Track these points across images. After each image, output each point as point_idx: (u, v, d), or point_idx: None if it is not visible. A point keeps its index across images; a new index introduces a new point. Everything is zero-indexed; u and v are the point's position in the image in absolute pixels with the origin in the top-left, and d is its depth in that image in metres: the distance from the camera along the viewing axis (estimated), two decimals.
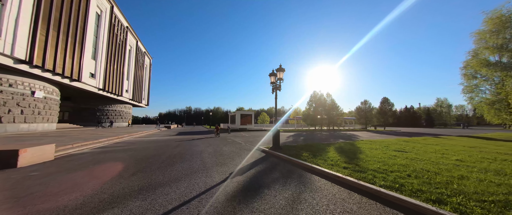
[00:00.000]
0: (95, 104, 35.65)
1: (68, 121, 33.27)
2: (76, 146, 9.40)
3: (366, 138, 15.89)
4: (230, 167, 5.63)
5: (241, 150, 9.10)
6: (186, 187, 3.86)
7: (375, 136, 18.50)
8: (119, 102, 39.53)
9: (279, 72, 8.56)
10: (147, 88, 54.60)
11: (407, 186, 3.60)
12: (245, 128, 31.39)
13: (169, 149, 9.32)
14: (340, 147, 9.34)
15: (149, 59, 55.53)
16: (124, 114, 42.02)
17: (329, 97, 34.15)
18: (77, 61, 22.21)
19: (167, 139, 14.40)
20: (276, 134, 8.48)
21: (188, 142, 12.32)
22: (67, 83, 21.70)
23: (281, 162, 6.27)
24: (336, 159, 6.10)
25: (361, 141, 12.17)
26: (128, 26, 37.57)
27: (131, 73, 40.78)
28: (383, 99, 41.28)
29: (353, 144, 10.69)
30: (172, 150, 8.82)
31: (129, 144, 11.39)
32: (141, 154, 7.67)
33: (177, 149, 9.33)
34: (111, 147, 9.80)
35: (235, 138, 15.86)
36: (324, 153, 7.34)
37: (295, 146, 9.57)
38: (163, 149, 9.14)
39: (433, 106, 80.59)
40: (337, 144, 10.52)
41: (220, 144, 11.61)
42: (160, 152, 8.35)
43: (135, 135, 17.66)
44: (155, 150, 8.83)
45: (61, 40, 19.61)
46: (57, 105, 22.63)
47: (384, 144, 10.61)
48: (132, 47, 40.92)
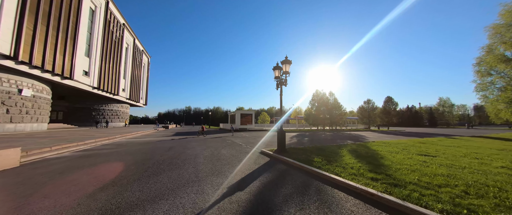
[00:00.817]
0: (90, 103, 34.58)
1: (62, 121, 32.21)
2: (55, 149, 8.33)
3: (376, 139, 14.82)
4: (228, 177, 4.56)
5: (242, 153, 8.04)
6: (166, 212, 2.79)
7: (383, 137, 17.44)
8: (116, 101, 38.46)
9: (285, 64, 7.49)
10: (145, 88, 53.50)
11: (481, 213, 2.54)
12: (246, 128, 30.33)
13: (160, 152, 8.25)
14: (354, 149, 8.27)
15: (147, 58, 54.43)
16: (121, 113, 40.94)
17: (332, 96, 33.11)
18: (69, 58, 21.13)
19: (161, 140, 13.34)
20: (281, 135, 7.41)
21: (183, 144, 11.26)
22: (58, 81, 20.63)
23: (290, 170, 5.20)
24: (357, 166, 5.04)
25: (374, 143, 11.10)
26: (125, 23, 36.48)
27: (128, 72, 39.68)
28: (387, 99, 40.26)
29: (366, 146, 9.62)
30: (163, 154, 7.75)
31: (117, 146, 10.32)
32: (125, 159, 6.61)
33: (169, 152, 8.26)
34: (96, 150, 8.73)
35: (235, 138, 14.81)
36: (339, 158, 6.28)
37: (302, 149, 8.50)
38: (153, 153, 8.07)
39: (435, 106, 79.65)
40: (348, 146, 9.45)
41: (218, 146, 10.55)
42: (148, 156, 7.28)
43: (128, 135, 16.59)
44: (143, 154, 7.76)
45: (51, 35, 18.53)
46: (48, 105, 21.55)
47: (400, 146, 9.55)
48: (129, 45, 39.83)
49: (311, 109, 32.79)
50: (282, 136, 7.41)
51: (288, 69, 7.48)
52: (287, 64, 7.46)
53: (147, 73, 54.64)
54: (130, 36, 39.80)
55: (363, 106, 40.53)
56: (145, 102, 53.53)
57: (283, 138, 7.41)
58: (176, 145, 10.86)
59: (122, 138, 14.47)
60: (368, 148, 8.88)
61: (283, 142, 7.42)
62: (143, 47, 49.27)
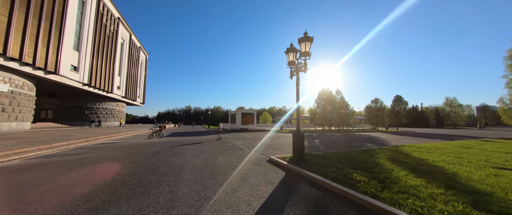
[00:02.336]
0: (83, 102, 32.72)
1: (52, 120, 30.36)
2: (3, 155, 6.41)
3: (400, 142, 12.82)
4: (224, 212, 2.61)
5: (244, 161, 6.08)
6: None
7: (403, 139, 15.42)
8: (111, 99, 36.59)
9: (304, 43, 5.51)
10: (143, 86, 51.66)
11: None
12: (247, 128, 28.38)
13: (137, 160, 6.30)
14: (393, 158, 6.28)
15: (145, 55, 52.58)
16: (116, 112, 39.09)
17: (339, 94, 31.10)
18: (53, 50, 19.23)
19: (149, 143, 11.40)
20: (298, 139, 5.45)
21: (173, 148, 9.31)
22: (42, 76, 18.73)
23: (327, 198, 3.23)
24: (431, 192, 3.09)
25: (406, 148, 9.09)
26: (120, 17, 34.60)
27: (124, 69, 37.79)
28: (396, 98, 38.17)
29: (403, 152, 7.61)
30: (139, 163, 5.80)
31: (92, 150, 8.39)
32: (81, 173, 4.66)
33: (150, 159, 6.32)
34: (58, 157, 6.80)
35: (236, 140, 12.86)
36: (388, 173, 4.31)
37: (324, 156, 6.53)
38: (127, 161, 6.13)
39: (441, 106, 77.41)
40: (379, 152, 7.45)
41: (215, 150, 8.59)
42: (116, 167, 5.33)
43: (115, 136, 14.67)
44: (116, 162, 5.82)
45: (31, 24, 16.64)
46: (30, 102, 19.67)
47: (445, 151, 7.56)
48: (125, 41, 37.95)
49: (316, 108, 30.79)
50: (299, 140, 5.44)
51: (309, 49, 5.50)
52: (307, 43, 5.48)
53: (145, 71, 52.80)
54: (126, 31, 37.92)
55: (370, 106, 38.43)
56: (143, 101, 51.68)
57: (301, 143, 5.45)
58: (164, 149, 8.91)
59: (105, 139, 12.55)
60: (408, 155, 6.89)
61: (302, 148, 5.46)
62: (140, 44, 47.41)
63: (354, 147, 9.82)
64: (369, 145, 10.85)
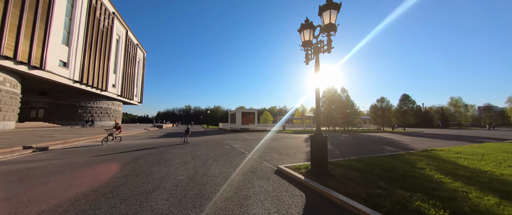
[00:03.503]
0: (76, 100, 31.29)
1: (43, 119, 28.93)
2: None
3: (418, 144, 11.29)
4: None
5: (244, 172, 4.60)
6: None
7: (420, 140, 13.89)
8: (106, 98, 35.16)
9: (328, 13, 4.01)
10: (140, 85, 50.23)
11: None
12: (247, 128, 26.90)
13: (108, 169, 4.82)
14: (448, 170, 4.77)
15: (142, 52, 51.16)
16: (112, 111, 37.66)
17: (344, 93, 29.58)
18: (38, 44, 17.79)
19: (136, 144, 9.92)
20: (319, 143, 3.96)
21: (160, 152, 7.83)
22: (25, 71, 17.29)
23: None
24: None
25: (445, 152, 7.58)
26: (115, 12, 33.15)
27: (120, 67, 36.35)
28: (403, 97, 36.65)
29: (450, 160, 6.08)
30: (105, 176, 4.32)
31: (60, 155, 6.91)
32: (8, 195, 3.19)
33: (123, 169, 4.84)
34: (6, 165, 5.33)
35: (235, 142, 11.37)
36: (466, 199, 2.81)
37: (350, 166, 5.01)
38: (94, 171, 4.65)
39: (446, 105, 75.77)
40: (418, 161, 5.93)
41: (210, 155, 7.10)
42: (72, 182, 3.85)
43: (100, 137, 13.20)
44: (72, 175, 4.35)
45: (11, 13, 15.19)
46: (14, 100, 18.23)
47: (495, 158, 6.05)
48: (120, 37, 36.52)
49: (321, 107, 29.26)
50: (321, 146, 3.95)
51: (334, 20, 3.99)
52: (333, 12, 3.97)
53: (142, 69, 51.37)
54: (121, 27, 36.47)
55: (376, 105, 36.90)
56: (140, 100, 50.27)
57: (323, 149, 3.96)
58: (150, 153, 7.43)
59: (87, 141, 11.08)
60: (456, 164, 5.38)
61: (324, 157, 3.96)
62: (137, 41, 45.99)
63: (373, 151, 8.32)
64: (390, 149, 9.34)
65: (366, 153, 7.91)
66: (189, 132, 11.40)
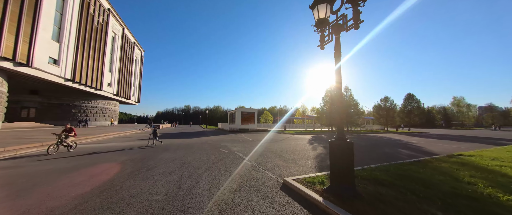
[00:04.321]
0: (69, 99, 30.23)
1: (34, 119, 27.85)
2: None
3: (433, 146, 10.24)
4: None
5: (243, 190, 3.54)
6: None
7: (434, 142, 12.83)
8: (101, 97, 34.09)
9: None
10: (138, 84, 49.16)
11: None
12: (247, 129, 25.86)
13: (71, 181, 3.77)
14: (502, 183, 3.72)
15: (140, 51, 50.08)
16: (108, 111, 36.62)
17: (348, 92, 28.52)
18: (24, 39, 16.72)
19: (120, 148, 8.87)
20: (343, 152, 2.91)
21: (145, 157, 6.77)
22: (11, 68, 16.23)
23: None
24: None
25: (476, 157, 6.53)
26: (111, 8, 32.09)
27: (116, 65, 35.28)
28: (408, 96, 35.56)
29: (491, 169, 5.04)
30: (62, 193, 3.26)
31: (25, 162, 5.86)
32: None
33: (87, 183, 3.79)
34: None
35: (234, 144, 10.31)
36: None
37: (377, 180, 3.95)
38: (49, 189, 3.59)
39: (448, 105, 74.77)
40: (455, 171, 4.86)
41: (201, 163, 6.05)
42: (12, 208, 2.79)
43: (89, 138, 12.15)
44: (17, 193, 3.29)
45: None
46: (0, 98, 17.16)
47: None
48: (116, 35, 35.45)
49: (323, 106, 28.22)
50: (345, 156, 2.91)
51: None
52: None
53: (140, 68, 50.29)
54: (117, 24, 35.41)
55: (379, 105, 35.81)
56: (138, 100, 49.19)
57: (349, 162, 2.90)
58: (134, 159, 6.38)
59: None
60: (504, 174, 4.32)
61: (350, 170, 2.90)
62: (135, 39, 44.91)
63: (390, 156, 7.27)
64: (407, 153, 8.29)
65: (384, 158, 6.86)
66: (157, 133, 10.22)
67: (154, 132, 10.14)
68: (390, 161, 6.22)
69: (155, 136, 10.07)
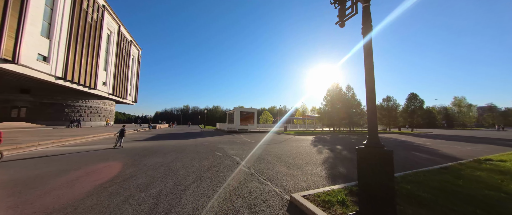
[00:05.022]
0: (62, 99, 29.22)
1: (25, 119, 26.82)
2: None
3: (447, 148, 9.37)
4: None
5: (237, 211, 2.64)
6: None
7: (444, 144, 11.97)
8: (96, 97, 33.06)
9: None
10: (135, 83, 48.13)
11: None
12: (246, 129, 24.97)
13: (24, 196, 2.85)
14: None
15: (137, 50, 49.08)
16: (103, 111, 35.62)
17: (350, 91, 27.68)
18: (10, 34, 15.77)
19: (98, 152, 7.95)
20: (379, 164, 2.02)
21: (125, 163, 5.86)
22: None
23: None
24: None
25: (508, 163, 5.67)
26: (106, 5, 31.10)
27: (111, 64, 34.29)
28: (410, 96, 34.81)
29: None
30: None
31: None
32: None
33: (38, 200, 2.88)
34: None
35: (231, 146, 9.40)
36: None
37: (412, 197, 3.05)
38: None
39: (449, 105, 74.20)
40: (500, 181, 4.01)
41: (190, 171, 5.14)
42: None
43: (74, 140, 11.22)
44: None
45: None
46: None
47: None
48: (112, 33, 34.46)
49: (325, 106, 27.35)
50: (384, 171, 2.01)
51: None
52: None
53: (137, 67, 49.26)
54: (113, 22, 34.42)
55: (381, 105, 35.01)
56: (135, 99, 48.15)
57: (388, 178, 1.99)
58: (110, 165, 5.47)
59: (52, 146, 9.10)
60: None
61: (391, 192, 2.00)
62: (132, 37, 43.92)
63: (411, 161, 6.40)
64: (425, 157, 7.42)
65: (403, 164, 5.99)
66: (123, 134, 9.42)
67: (121, 132, 9.34)
68: (411, 167, 5.35)
69: (122, 136, 9.30)
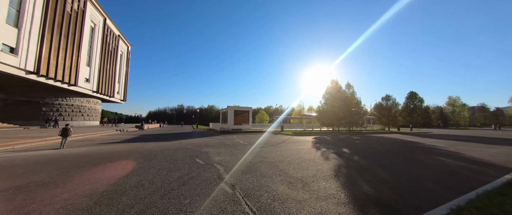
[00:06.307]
0: (40, 96, 26.70)
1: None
2: None
3: (465, 151, 7.97)
4: None
5: None
6: None
7: (457, 145, 10.64)
8: (78, 95, 30.66)
9: None
10: (124, 81, 45.63)
11: None
12: (240, 129, 23.29)
13: None
14: None
15: (126, 45, 46.53)
16: (87, 110, 33.15)
17: (350, 89, 26.39)
18: None
19: (26, 157, 6.13)
20: None
21: (58, 176, 4.09)
22: None
23: None
24: None
25: None
26: None
27: (96, 59, 31.94)
28: (410, 95, 33.95)
29: None
30: None
31: None
32: None
33: None
34: None
35: (219, 149, 7.73)
36: None
37: None
38: None
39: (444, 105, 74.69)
40: None
41: (137, 196, 3.42)
42: None
43: (20, 144, 9.27)
44: None
45: None
46: None
47: None
48: (96, 26, 32.07)
49: (324, 104, 25.95)
50: None
51: None
52: None
53: (126, 64, 46.75)
54: (98, 14, 32.02)
55: (381, 104, 34.03)
56: (124, 98, 45.64)
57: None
58: (28, 184, 3.69)
59: None
60: None
61: None
62: (120, 32, 41.44)
63: (448, 174, 4.90)
64: (457, 164, 5.96)
65: (442, 177, 4.48)
66: (67, 134, 8.41)
67: (64, 131, 8.32)
68: (461, 183, 3.83)
69: (66, 136, 8.31)
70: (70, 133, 9.07)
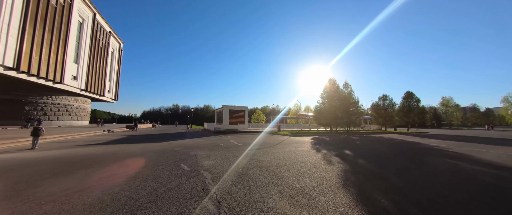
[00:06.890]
0: (22, 95, 25.19)
1: None
2: None
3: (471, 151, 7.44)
4: None
5: None
6: None
7: (460, 145, 10.18)
8: (65, 93, 29.12)
9: None
10: (115, 79, 44.03)
11: None
12: (236, 129, 22.49)
13: None
14: None
15: (118, 43, 44.94)
16: (75, 109, 31.65)
17: (347, 88, 25.96)
18: None
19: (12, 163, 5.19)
20: None
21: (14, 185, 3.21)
22: None
23: None
24: None
25: None
26: None
27: (84, 56, 30.45)
28: (407, 94, 33.89)
29: None
30: None
31: None
32: None
33: None
34: None
35: (210, 152, 6.92)
36: None
37: None
38: None
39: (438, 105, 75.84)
40: None
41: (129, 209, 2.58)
42: None
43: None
44: None
45: None
46: None
47: None
48: (85, 21, 30.58)
49: (321, 104, 25.43)
50: None
51: None
52: None
53: (118, 62, 45.16)
54: (86, 8, 30.54)
55: (378, 104, 33.84)
56: (115, 97, 44.05)
57: None
58: None
59: None
60: None
61: None
62: (111, 29, 39.88)
63: (472, 181, 4.26)
64: (475, 168, 5.35)
65: (464, 185, 3.82)
66: (39, 133, 8.09)
67: (35, 131, 8.00)
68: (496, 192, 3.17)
69: (37, 136, 7.96)
70: (42, 133, 8.20)
